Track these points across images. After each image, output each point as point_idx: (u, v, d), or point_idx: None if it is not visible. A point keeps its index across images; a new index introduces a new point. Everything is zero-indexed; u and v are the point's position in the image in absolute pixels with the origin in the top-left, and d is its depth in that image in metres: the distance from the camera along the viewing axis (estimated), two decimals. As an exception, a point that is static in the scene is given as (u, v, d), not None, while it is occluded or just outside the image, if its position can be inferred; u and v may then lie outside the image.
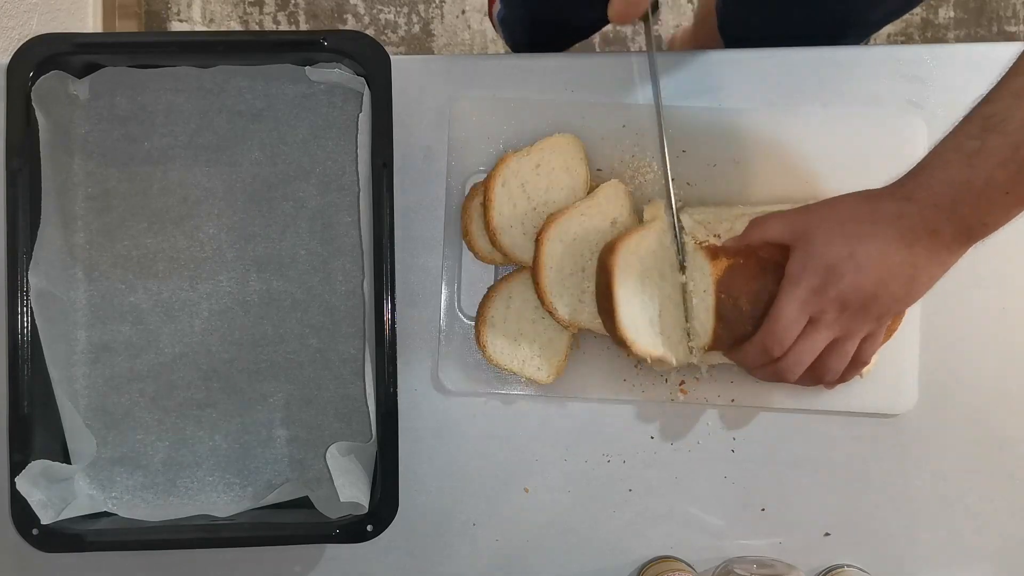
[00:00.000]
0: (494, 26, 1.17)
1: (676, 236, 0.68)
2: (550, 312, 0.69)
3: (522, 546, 0.74)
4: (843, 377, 0.66)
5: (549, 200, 0.70)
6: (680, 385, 0.72)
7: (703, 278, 0.66)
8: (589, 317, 0.69)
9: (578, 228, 0.69)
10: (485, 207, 0.69)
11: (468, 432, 0.73)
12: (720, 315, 0.65)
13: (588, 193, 0.70)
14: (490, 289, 0.71)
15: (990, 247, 0.60)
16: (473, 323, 0.72)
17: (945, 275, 0.60)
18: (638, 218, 0.71)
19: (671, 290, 0.68)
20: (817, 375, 0.64)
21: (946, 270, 0.60)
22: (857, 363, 0.65)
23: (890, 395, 0.73)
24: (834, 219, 0.62)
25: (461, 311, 0.73)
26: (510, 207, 0.69)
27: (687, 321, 0.68)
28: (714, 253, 0.66)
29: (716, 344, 0.66)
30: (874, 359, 0.67)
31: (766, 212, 0.66)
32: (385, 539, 0.67)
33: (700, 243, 0.67)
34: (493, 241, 0.70)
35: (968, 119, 0.56)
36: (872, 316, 0.61)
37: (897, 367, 0.73)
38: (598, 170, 0.72)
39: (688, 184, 0.72)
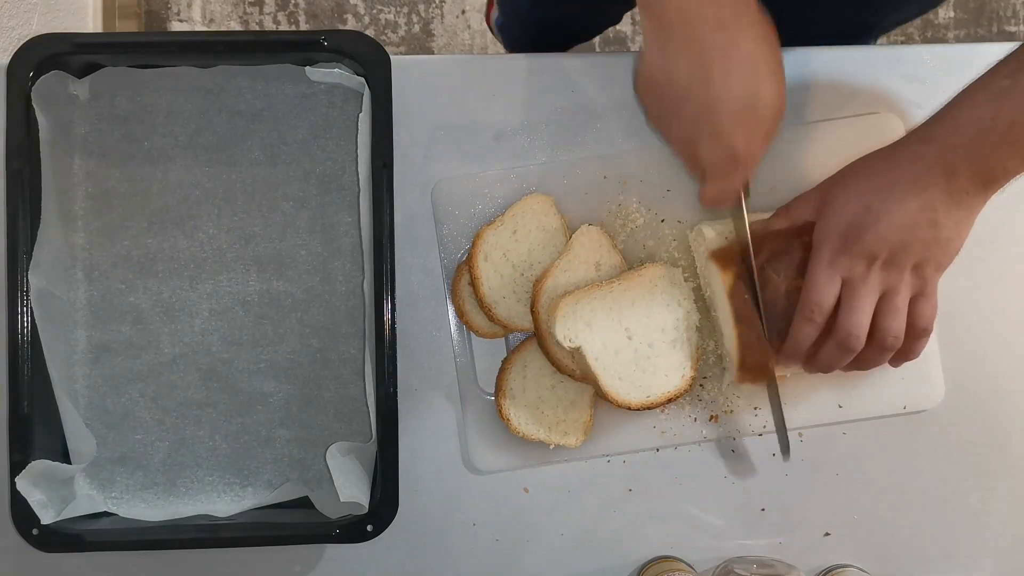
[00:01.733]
0: (493, 34, 1.17)
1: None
2: (568, 375, 0.69)
3: (522, 546, 0.74)
4: (908, 348, 0.64)
5: (533, 262, 0.70)
6: (710, 418, 0.72)
7: (717, 287, 0.67)
8: None
9: (566, 284, 0.69)
10: (474, 285, 0.69)
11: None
12: (738, 318, 0.65)
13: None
14: (504, 361, 0.71)
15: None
16: (493, 398, 0.71)
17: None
18: (622, 256, 0.71)
19: None
20: (879, 341, 0.63)
21: (971, 216, 0.60)
22: (917, 329, 0.63)
23: (920, 391, 0.73)
24: (852, 180, 0.63)
25: (480, 388, 0.72)
26: (498, 279, 0.70)
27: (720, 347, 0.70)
28: (723, 262, 0.66)
29: (745, 355, 0.66)
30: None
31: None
32: (385, 539, 0.67)
33: (711, 253, 0.67)
34: (489, 316, 0.70)
35: (1002, 61, 0.57)
36: (907, 265, 0.61)
37: (922, 362, 0.72)
38: (589, 226, 0.71)
39: (679, 222, 0.72)
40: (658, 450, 0.73)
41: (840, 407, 0.72)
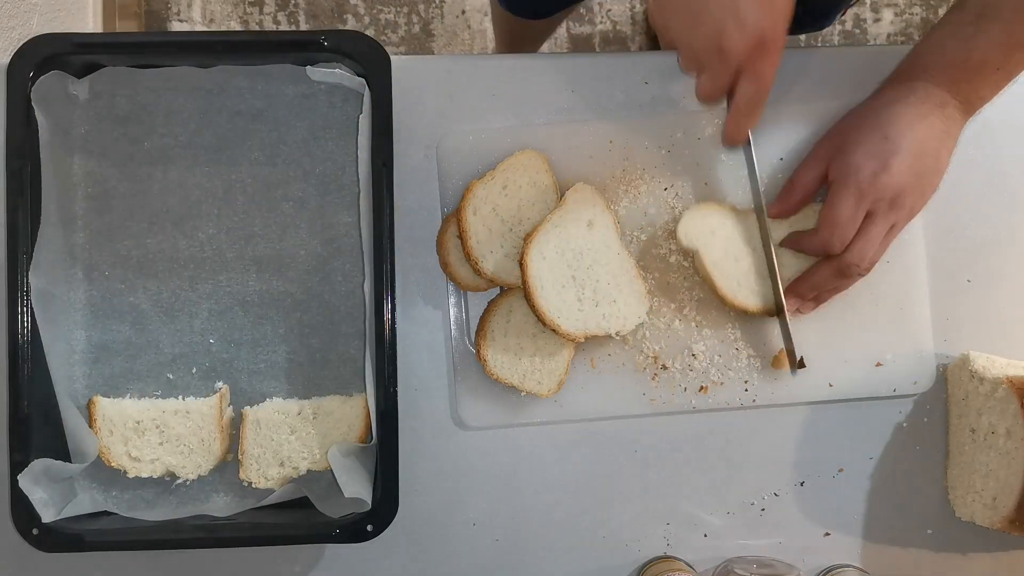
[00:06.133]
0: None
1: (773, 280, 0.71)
2: (553, 329, 0.69)
3: (522, 546, 0.74)
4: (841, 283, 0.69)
5: (523, 218, 0.70)
6: (700, 389, 0.72)
7: (1009, 421, 0.67)
8: (595, 324, 0.69)
9: (556, 240, 0.69)
10: (462, 239, 0.69)
11: (469, 433, 0.73)
12: None
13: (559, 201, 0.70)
14: (491, 303, 0.71)
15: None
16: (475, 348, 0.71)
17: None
18: (615, 215, 0.71)
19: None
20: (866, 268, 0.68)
21: (956, 140, 0.67)
22: (873, 259, 0.68)
23: (910, 375, 0.73)
24: (855, 122, 0.68)
25: (471, 344, 0.72)
26: (486, 233, 0.70)
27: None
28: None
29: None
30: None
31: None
32: (385, 539, 0.67)
33: (1011, 380, 0.67)
34: (476, 270, 0.70)
35: (961, 8, 0.65)
36: (925, 192, 0.66)
37: (915, 348, 0.73)
38: (583, 183, 0.71)
39: (683, 191, 0.72)
40: (656, 452, 0.73)
41: (831, 386, 0.72)
